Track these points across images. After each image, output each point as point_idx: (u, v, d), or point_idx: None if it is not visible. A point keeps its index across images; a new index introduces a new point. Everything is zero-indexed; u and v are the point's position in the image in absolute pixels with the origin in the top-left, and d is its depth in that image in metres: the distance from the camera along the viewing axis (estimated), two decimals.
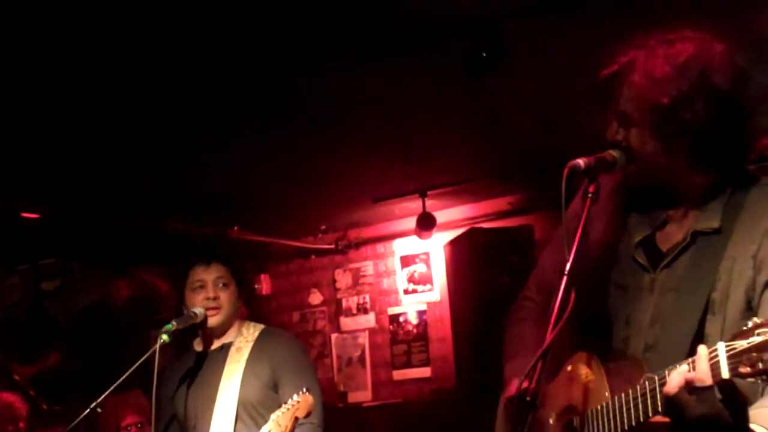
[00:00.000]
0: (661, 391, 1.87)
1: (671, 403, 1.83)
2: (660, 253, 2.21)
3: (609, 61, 2.19)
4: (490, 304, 6.50)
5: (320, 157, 6.33)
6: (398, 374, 8.62)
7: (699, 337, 2.04)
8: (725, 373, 1.71)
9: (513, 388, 2.09)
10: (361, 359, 8.84)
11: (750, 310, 2.04)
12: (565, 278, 1.98)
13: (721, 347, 1.72)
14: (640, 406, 1.92)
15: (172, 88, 4.83)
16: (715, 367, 1.74)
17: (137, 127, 5.35)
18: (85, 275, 8.33)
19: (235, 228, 7.75)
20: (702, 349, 1.78)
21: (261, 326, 3.90)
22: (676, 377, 1.82)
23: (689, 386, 1.80)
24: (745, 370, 1.68)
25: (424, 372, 8.48)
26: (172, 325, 3.49)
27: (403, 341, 8.63)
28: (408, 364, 8.58)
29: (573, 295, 1.94)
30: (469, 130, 6.02)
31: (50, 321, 8.14)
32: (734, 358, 1.70)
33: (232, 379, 3.67)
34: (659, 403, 1.88)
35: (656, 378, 1.90)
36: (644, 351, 2.15)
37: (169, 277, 8.44)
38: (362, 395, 8.75)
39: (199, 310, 3.67)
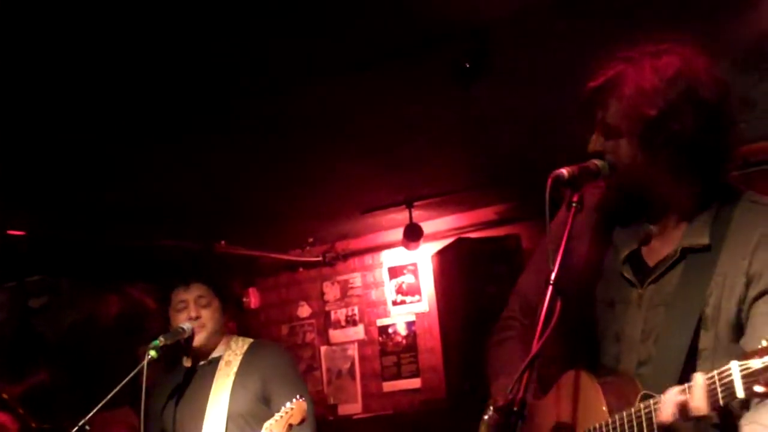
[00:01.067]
0: (655, 415, 1.88)
1: (665, 430, 1.85)
2: (647, 268, 2.23)
3: (594, 73, 2.20)
4: (478, 314, 6.50)
5: (306, 170, 6.33)
6: (388, 386, 8.60)
7: (693, 352, 2.06)
8: (740, 393, 1.70)
9: (500, 401, 2.09)
10: (351, 371, 8.82)
11: (741, 325, 2.05)
12: (550, 287, 1.99)
13: (734, 366, 1.72)
14: (644, 425, 1.92)
15: (159, 102, 4.83)
16: (725, 388, 1.73)
17: (123, 142, 5.34)
18: (73, 292, 8.30)
19: (222, 242, 7.74)
20: (699, 378, 1.78)
21: (250, 340, 3.91)
22: (669, 406, 1.83)
23: (684, 413, 1.81)
24: (760, 389, 1.67)
25: (414, 383, 8.46)
26: (160, 341, 3.49)
27: (392, 352, 8.62)
28: (398, 376, 8.56)
29: (559, 304, 1.95)
30: (456, 140, 6.03)
31: (38, 338, 8.10)
32: (749, 378, 1.69)
33: (222, 392, 3.67)
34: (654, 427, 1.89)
35: (651, 402, 1.91)
36: (637, 367, 2.16)
37: (155, 295, 8.44)
38: (352, 407, 8.73)
39: (186, 326, 3.68)
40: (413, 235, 7.73)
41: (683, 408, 1.81)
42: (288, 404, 3.42)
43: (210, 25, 4.02)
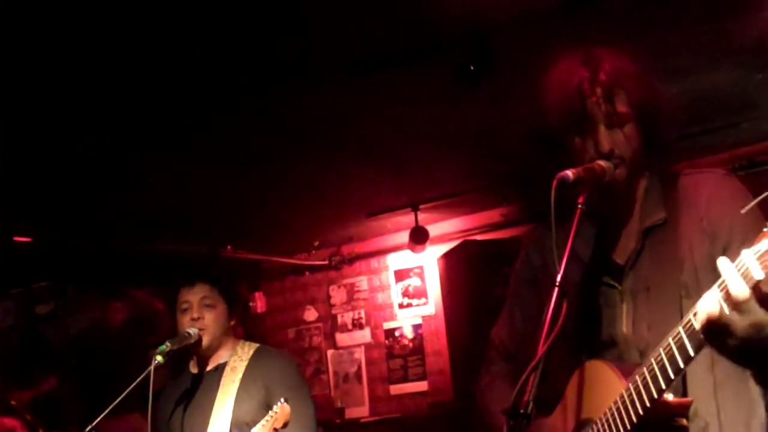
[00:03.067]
0: (689, 332, 1.81)
1: (713, 331, 1.75)
2: (619, 267, 2.28)
3: (588, 84, 2.23)
4: (485, 316, 6.48)
5: (312, 174, 6.33)
6: (395, 389, 8.61)
7: None
8: (759, 275, 1.64)
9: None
10: (358, 375, 8.83)
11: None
12: (556, 290, 2.00)
13: (746, 252, 1.67)
14: (687, 343, 1.84)
15: (163, 108, 4.84)
16: (746, 275, 1.67)
17: (128, 148, 5.35)
18: (79, 298, 8.32)
19: (229, 247, 7.75)
20: (725, 264, 1.71)
21: (255, 345, 3.89)
22: (710, 301, 1.75)
23: (729, 303, 1.72)
24: None
25: (421, 386, 8.47)
26: (167, 346, 3.49)
27: (399, 356, 8.62)
28: (405, 379, 8.57)
29: (564, 306, 1.96)
30: (460, 143, 6.03)
31: (45, 345, 8.12)
32: (764, 257, 1.64)
33: (227, 399, 3.67)
34: (689, 349, 1.82)
35: (689, 316, 1.83)
36: (640, 356, 2.17)
37: (163, 299, 8.44)
38: (359, 411, 8.74)
39: (193, 331, 3.67)
40: (419, 238, 7.74)
41: (726, 297, 1.73)
42: (274, 407, 3.42)
43: (216, 29, 4.03)
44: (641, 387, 1.95)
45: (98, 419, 3.34)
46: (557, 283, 2.02)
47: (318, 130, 5.47)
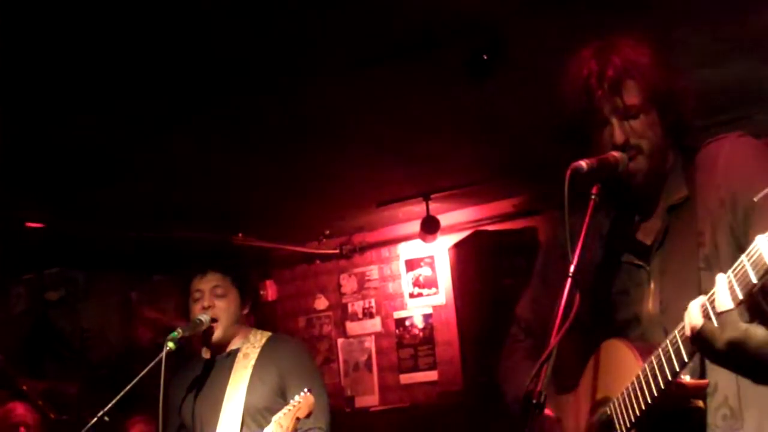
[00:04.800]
0: (683, 338, 1.87)
1: (697, 339, 1.81)
2: (646, 247, 2.27)
3: (596, 79, 2.22)
4: (495, 307, 6.50)
5: (323, 163, 6.33)
6: (405, 378, 8.62)
7: None
8: (754, 279, 1.67)
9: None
10: (368, 364, 8.84)
11: (741, 251, 2.06)
12: (569, 280, 2.00)
13: (744, 258, 1.70)
14: (681, 349, 1.89)
15: (176, 96, 4.84)
16: (742, 277, 1.71)
17: (141, 135, 5.36)
18: (90, 285, 8.35)
19: (240, 234, 7.76)
20: (719, 276, 1.77)
21: (268, 333, 3.90)
22: (695, 309, 1.82)
23: (709, 314, 1.78)
24: None
25: (431, 375, 8.48)
26: (178, 333, 3.49)
27: (409, 345, 8.63)
28: (415, 368, 8.58)
29: (578, 297, 1.96)
30: (472, 132, 6.02)
31: (56, 331, 8.15)
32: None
33: (239, 385, 3.67)
34: (683, 354, 1.87)
35: (679, 326, 1.89)
36: (665, 336, 2.16)
37: (174, 286, 8.47)
38: (369, 399, 8.76)
39: (204, 317, 3.67)
40: (430, 227, 7.73)
41: (706, 308, 1.80)
42: (296, 397, 3.42)
43: (229, 16, 4.03)
44: (656, 368, 1.96)
45: (109, 405, 3.34)
46: (570, 274, 2.02)
47: (330, 120, 5.47)
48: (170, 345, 3.41)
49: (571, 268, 2.03)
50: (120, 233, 7.16)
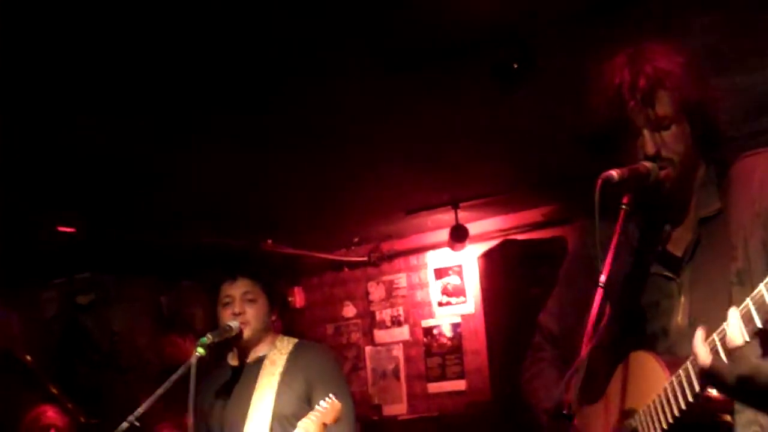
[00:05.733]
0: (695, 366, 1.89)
1: (707, 374, 1.85)
2: (677, 259, 2.25)
3: (628, 89, 2.20)
4: (524, 316, 6.45)
5: (352, 170, 6.34)
6: (433, 387, 8.60)
7: None
8: (758, 323, 1.71)
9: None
10: (396, 372, 8.83)
11: None
12: (599, 291, 1.99)
13: (749, 300, 1.74)
14: (692, 377, 1.92)
15: (207, 104, 4.87)
16: (747, 320, 1.74)
17: (171, 140, 5.39)
18: (120, 290, 8.40)
19: (269, 241, 7.79)
20: (731, 311, 1.80)
21: (295, 340, 3.91)
22: (701, 348, 1.85)
23: (718, 350, 1.82)
24: None
25: (459, 385, 8.45)
26: (208, 339, 3.50)
27: (437, 354, 8.61)
28: (442, 377, 8.56)
29: (608, 308, 1.95)
30: (502, 141, 6.00)
31: (86, 335, 8.21)
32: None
33: (266, 392, 3.68)
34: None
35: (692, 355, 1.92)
36: None
37: (203, 292, 8.51)
38: (397, 408, 8.74)
39: (234, 324, 3.68)
40: (459, 236, 7.72)
41: (714, 344, 1.83)
42: (322, 403, 3.43)
43: (260, 21, 4.05)
44: (684, 381, 1.95)
45: (140, 409, 3.35)
46: (601, 284, 2.01)
47: (359, 127, 5.47)
48: (200, 351, 3.42)
49: (602, 278, 2.02)
50: (150, 238, 7.20)
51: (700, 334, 1.88)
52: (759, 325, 1.73)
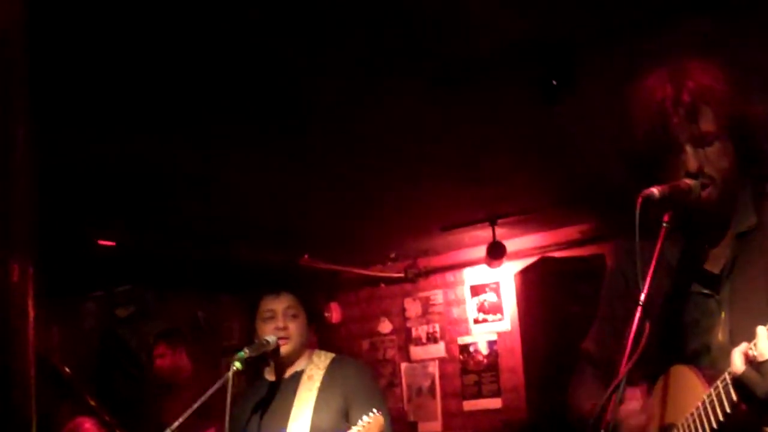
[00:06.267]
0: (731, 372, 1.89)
1: (739, 385, 1.85)
2: (715, 276, 2.24)
3: (671, 105, 2.19)
4: (561, 334, 6.43)
5: (390, 186, 6.35)
6: (468, 405, 8.56)
7: None
8: None
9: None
10: (431, 389, 8.80)
11: None
12: (639, 309, 1.98)
13: None
14: (730, 389, 1.91)
15: (248, 120, 4.91)
16: None
17: (212, 157, 5.43)
18: (158, 303, 8.45)
19: (306, 256, 7.81)
20: (760, 328, 1.82)
21: (332, 355, 3.91)
22: (737, 356, 1.86)
23: (752, 363, 1.83)
24: None
25: (495, 403, 8.41)
26: (245, 353, 3.50)
27: (473, 371, 8.57)
28: (478, 395, 8.52)
29: (647, 327, 1.94)
30: (540, 157, 5.99)
31: (124, 348, 8.26)
32: None
33: (304, 406, 3.68)
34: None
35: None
36: None
37: (240, 306, 8.53)
38: (432, 426, 8.71)
39: (271, 338, 3.69)
40: (496, 253, 7.70)
41: (749, 356, 1.84)
42: (365, 417, 3.41)
43: (298, 44, 4.08)
44: (722, 391, 1.94)
45: (177, 422, 3.37)
46: (641, 303, 1.99)
47: (397, 142, 5.49)
48: (237, 365, 3.43)
49: (642, 297, 2.01)
50: (189, 252, 7.25)
51: (743, 345, 1.88)
52: None
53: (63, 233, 6.08)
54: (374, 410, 3.43)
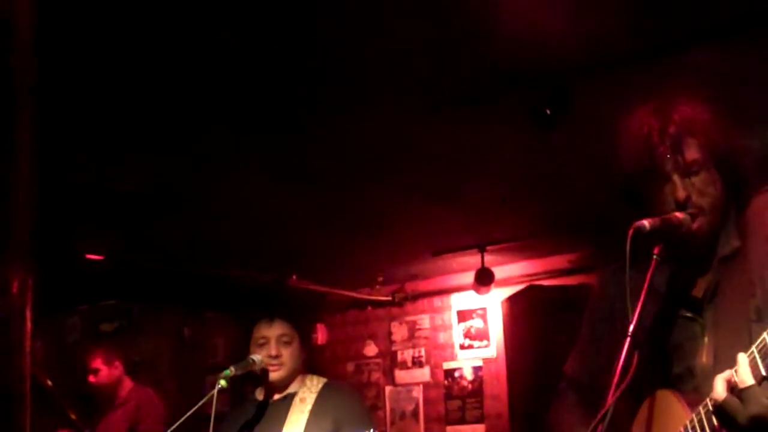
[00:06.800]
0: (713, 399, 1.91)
1: (721, 413, 1.87)
2: (699, 300, 2.25)
3: (657, 135, 2.22)
4: (547, 362, 6.42)
5: (380, 209, 6.36)
6: (452, 430, 8.53)
7: None
8: (763, 371, 1.77)
9: None
10: (415, 413, 8.77)
11: None
12: (628, 340, 1.98)
13: (759, 342, 1.79)
14: (711, 413, 1.93)
15: (238, 139, 4.91)
16: (754, 366, 1.79)
17: (201, 174, 5.43)
18: (144, 318, 8.43)
19: (294, 277, 7.80)
20: (741, 355, 1.85)
21: (324, 379, 3.91)
22: (719, 383, 1.88)
23: (734, 390, 1.84)
24: None
25: (478, 429, 8.38)
26: (231, 371, 3.50)
27: (457, 397, 8.55)
28: (462, 420, 8.49)
29: (636, 357, 1.94)
30: (532, 185, 6.01)
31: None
32: None
33: (295, 428, 3.68)
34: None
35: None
36: None
37: (226, 323, 8.51)
38: None
39: (257, 357, 3.68)
40: (484, 279, 7.70)
41: (731, 383, 1.86)
42: None
43: (287, 62, 4.09)
44: (704, 418, 1.96)
45: None
46: (629, 334, 2.00)
47: (389, 166, 5.50)
48: (222, 383, 3.42)
49: (631, 328, 2.01)
50: (176, 268, 7.23)
51: (726, 372, 1.90)
52: (764, 373, 1.78)
53: (50, 246, 6.06)
54: (372, 429, 3.44)
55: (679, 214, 2.16)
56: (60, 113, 4.36)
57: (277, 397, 3.83)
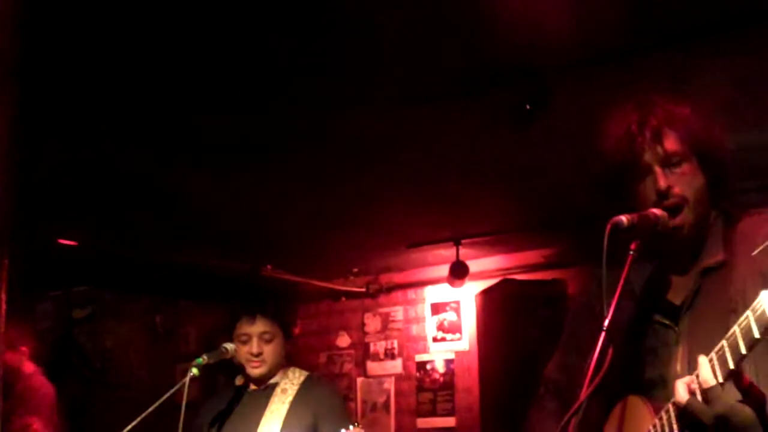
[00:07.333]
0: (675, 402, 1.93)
1: (685, 415, 1.88)
2: (677, 308, 2.25)
3: (637, 127, 2.24)
4: (519, 357, 6.45)
5: (356, 200, 6.34)
6: (422, 422, 8.54)
7: None
8: (731, 364, 1.79)
9: None
10: (386, 405, 8.78)
11: None
12: (602, 335, 1.99)
13: (723, 342, 1.82)
14: (673, 421, 1.95)
15: (213, 127, 4.89)
16: (721, 360, 1.81)
17: (175, 160, 5.41)
18: (116, 305, 8.38)
19: (269, 267, 7.77)
20: (702, 357, 1.87)
21: (305, 372, 3.94)
22: (680, 387, 1.90)
23: (698, 391, 1.86)
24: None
25: (449, 421, 8.40)
26: (203, 359, 3.50)
27: (429, 389, 8.56)
28: (433, 413, 8.50)
29: (610, 352, 1.95)
30: (509, 180, 6.01)
31: (78, 350, 8.17)
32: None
33: (275, 417, 3.70)
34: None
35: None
36: None
37: (199, 312, 8.48)
38: None
39: (230, 346, 3.69)
40: (459, 272, 7.70)
41: (692, 385, 1.88)
42: (343, 431, 3.44)
43: (265, 50, 4.07)
44: (666, 423, 1.97)
45: (128, 428, 3.34)
46: (604, 328, 2.00)
47: (366, 158, 5.49)
48: (194, 371, 3.42)
49: (606, 322, 2.02)
50: (150, 256, 7.20)
51: (687, 377, 1.92)
52: (732, 366, 1.79)
53: (22, 230, 6.01)
54: (356, 423, 3.47)
55: (656, 211, 2.16)
56: (35, 97, 4.32)
57: (259, 386, 3.84)
